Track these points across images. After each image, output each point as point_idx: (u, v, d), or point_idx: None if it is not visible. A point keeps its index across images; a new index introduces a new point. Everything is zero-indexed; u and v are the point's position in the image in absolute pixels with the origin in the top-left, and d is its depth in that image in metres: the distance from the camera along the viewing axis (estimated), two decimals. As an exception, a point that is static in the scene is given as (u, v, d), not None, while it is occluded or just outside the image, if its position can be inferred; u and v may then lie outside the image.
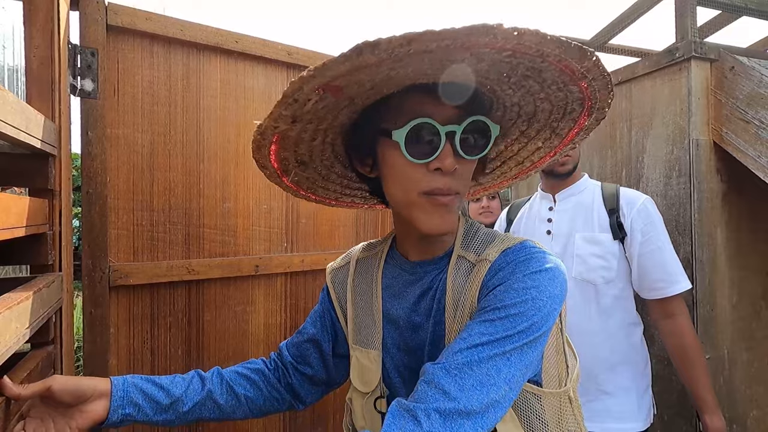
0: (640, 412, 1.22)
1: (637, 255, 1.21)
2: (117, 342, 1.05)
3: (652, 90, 1.65)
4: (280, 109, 0.52)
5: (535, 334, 0.54)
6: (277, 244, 1.28)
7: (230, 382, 0.75)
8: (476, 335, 0.53)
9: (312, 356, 0.80)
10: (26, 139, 0.71)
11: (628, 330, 1.26)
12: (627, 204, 1.25)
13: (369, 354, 0.72)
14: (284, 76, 1.27)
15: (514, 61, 0.51)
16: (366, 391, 0.72)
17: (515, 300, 0.55)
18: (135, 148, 1.07)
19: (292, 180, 0.71)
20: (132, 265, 1.05)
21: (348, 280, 0.78)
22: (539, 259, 0.58)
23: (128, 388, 0.67)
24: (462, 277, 0.62)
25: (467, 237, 0.66)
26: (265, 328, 1.27)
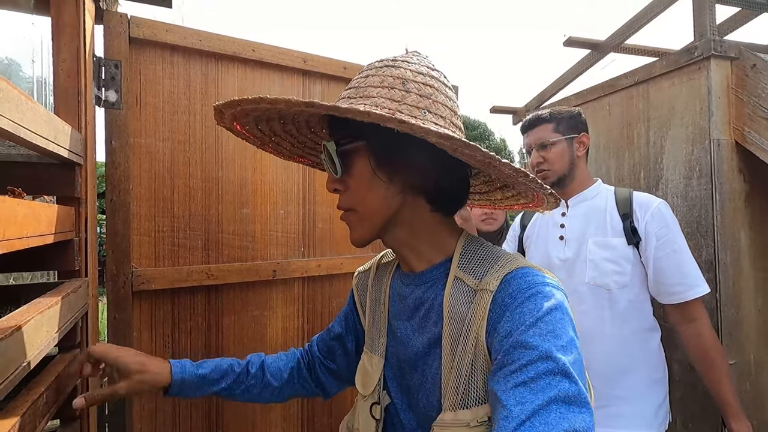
0: (655, 419, 1.20)
1: (653, 259, 1.20)
2: (139, 346, 1.07)
3: (670, 90, 1.63)
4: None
5: (580, 386, 0.50)
6: (294, 249, 1.29)
7: (270, 377, 0.83)
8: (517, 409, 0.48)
9: (337, 353, 0.85)
10: (55, 149, 0.74)
11: (644, 335, 1.24)
12: (640, 208, 1.24)
13: (372, 359, 0.74)
14: (300, 83, 1.29)
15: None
16: (364, 395, 0.73)
17: (540, 354, 0.51)
18: (156, 157, 1.10)
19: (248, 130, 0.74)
20: (154, 271, 1.08)
21: (368, 284, 0.80)
22: (545, 295, 0.56)
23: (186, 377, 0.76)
24: (462, 305, 0.61)
25: (465, 256, 0.65)
26: (282, 332, 1.28)
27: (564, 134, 1.32)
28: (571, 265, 1.28)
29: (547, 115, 1.36)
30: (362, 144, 0.62)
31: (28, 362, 0.53)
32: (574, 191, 1.34)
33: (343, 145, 0.62)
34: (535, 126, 1.37)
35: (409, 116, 0.57)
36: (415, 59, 0.65)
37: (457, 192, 0.67)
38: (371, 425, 0.71)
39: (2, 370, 0.45)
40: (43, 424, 0.67)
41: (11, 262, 0.83)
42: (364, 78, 0.63)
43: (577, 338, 0.55)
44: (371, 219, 0.64)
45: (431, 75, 0.63)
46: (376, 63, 0.65)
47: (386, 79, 0.61)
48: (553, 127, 1.34)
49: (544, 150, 1.33)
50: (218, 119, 0.70)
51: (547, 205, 0.68)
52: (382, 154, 0.61)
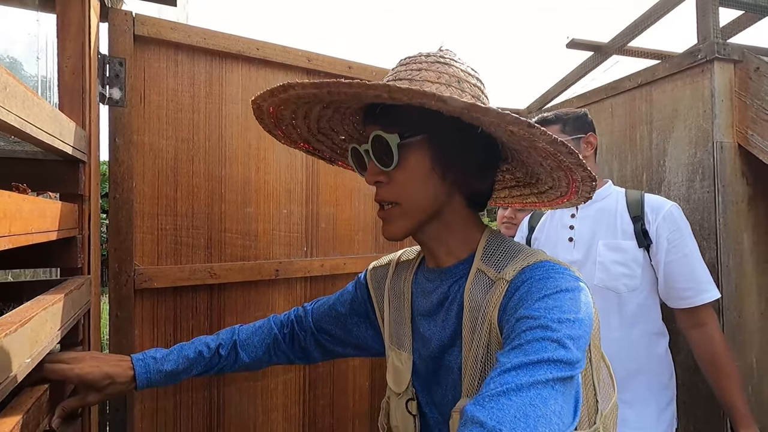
0: (659, 424, 1.19)
1: (664, 263, 1.19)
2: (141, 344, 1.07)
3: (674, 92, 1.63)
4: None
5: (574, 365, 0.49)
6: (297, 248, 1.29)
7: (243, 354, 0.82)
8: (506, 362, 0.48)
9: (334, 331, 0.85)
10: (59, 146, 0.73)
11: (651, 340, 1.23)
12: (652, 211, 1.23)
13: (401, 355, 0.74)
14: (304, 83, 1.29)
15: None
16: (398, 392, 0.73)
17: (540, 323, 0.50)
18: (160, 154, 1.10)
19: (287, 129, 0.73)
20: (156, 269, 1.07)
21: (386, 281, 0.80)
22: (558, 278, 0.55)
23: (151, 378, 0.76)
24: (479, 294, 0.61)
25: (488, 249, 0.65)
26: (284, 332, 1.27)
27: (571, 135, 1.32)
28: (580, 267, 1.27)
29: (553, 117, 1.35)
30: (424, 137, 0.61)
31: (32, 359, 0.52)
32: None
33: (407, 138, 0.60)
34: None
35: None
36: (458, 58, 0.65)
37: (491, 190, 0.69)
38: (409, 421, 0.71)
39: (7, 366, 0.45)
40: (46, 421, 0.67)
41: (14, 259, 0.83)
42: (417, 71, 0.61)
43: (589, 322, 0.54)
44: (416, 213, 0.63)
45: (476, 77, 0.64)
46: (422, 57, 0.64)
47: (442, 75, 0.60)
48: (559, 128, 1.33)
49: None
50: (258, 116, 0.70)
51: (581, 194, 0.66)
52: (443, 149, 0.61)
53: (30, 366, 0.52)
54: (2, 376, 0.44)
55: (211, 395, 1.16)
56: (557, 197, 0.70)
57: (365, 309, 0.83)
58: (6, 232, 0.47)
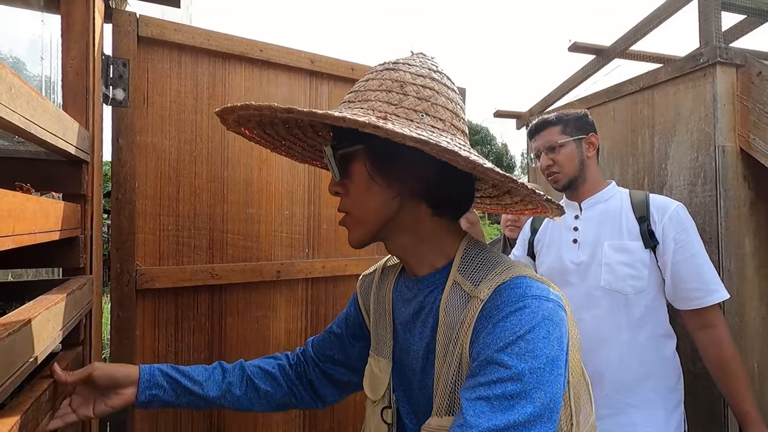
0: (668, 427, 1.18)
1: (671, 264, 1.18)
2: (143, 344, 1.07)
3: (675, 96, 1.63)
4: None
5: (546, 417, 0.49)
6: (298, 250, 1.29)
7: (251, 375, 0.80)
8: (474, 422, 0.48)
9: (336, 356, 0.83)
10: (63, 146, 0.74)
11: (659, 342, 1.22)
12: (658, 211, 1.22)
13: (380, 363, 0.73)
14: (307, 84, 1.30)
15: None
16: (374, 399, 0.73)
17: (510, 374, 0.50)
18: (162, 155, 1.10)
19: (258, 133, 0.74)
20: (158, 269, 1.07)
21: (372, 288, 0.79)
22: (532, 310, 0.54)
23: (154, 372, 0.75)
24: (455, 309, 0.61)
25: (466, 260, 0.64)
26: (286, 334, 1.27)
27: (572, 135, 1.32)
28: (586, 269, 1.26)
29: (554, 118, 1.35)
30: (360, 148, 0.61)
31: (35, 357, 0.52)
32: (587, 193, 1.33)
33: (339, 149, 0.62)
34: (542, 129, 1.36)
35: (405, 119, 0.57)
36: (418, 61, 0.64)
37: (461, 197, 0.67)
38: (383, 430, 0.71)
39: (9, 365, 0.45)
40: (45, 421, 0.67)
41: (17, 259, 0.83)
42: (365, 82, 0.63)
43: (562, 353, 0.54)
44: (366, 222, 0.64)
45: (432, 77, 0.62)
46: (378, 67, 0.65)
47: (384, 82, 0.61)
48: (560, 129, 1.33)
49: (552, 152, 1.33)
50: (225, 125, 0.70)
51: (550, 213, 0.67)
52: (378, 158, 0.61)
53: (33, 365, 0.52)
54: (4, 375, 0.44)
55: (212, 396, 1.16)
56: (534, 209, 0.70)
57: (359, 323, 0.82)
58: (10, 232, 0.48)
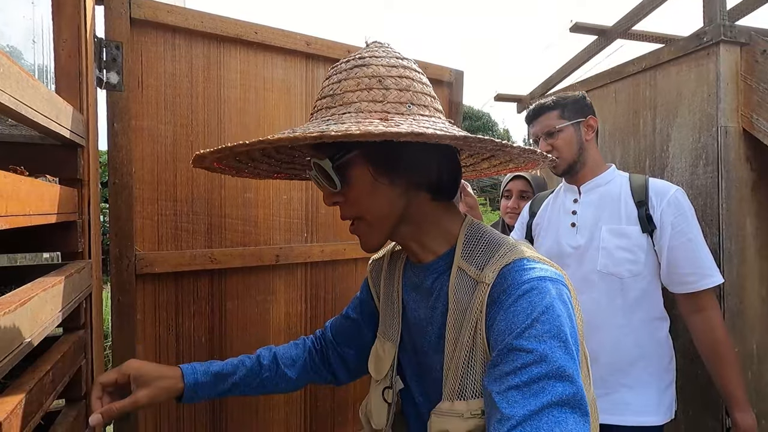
0: (660, 406, 1.20)
1: (667, 248, 1.19)
2: (144, 329, 1.08)
3: (678, 76, 1.60)
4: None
5: (576, 390, 0.50)
6: (297, 234, 1.29)
7: (284, 367, 0.82)
8: (509, 412, 0.49)
9: (352, 339, 0.85)
10: (56, 129, 0.73)
11: (654, 325, 1.23)
12: (657, 195, 1.22)
13: (385, 345, 0.75)
14: (303, 66, 1.28)
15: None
16: (377, 378, 0.74)
17: (535, 357, 0.50)
18: (158, 140, 1.09)
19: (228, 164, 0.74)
20: (156, 254, 1.08)
21: (382, 272, 0.80)
22: (541, 291, 0.54)
23: (196, 369, 0.77)
24: (464, 296, 0.61)
25: (468, 244, 0.64)
26: (286, 318, 1.28)
27: (570, 119, 1.31)
28: (583, 253, 1.27)
29: (551, 103, 1.34)
30: (357, 153, 0.60)
31: (32, 339, 0.53)
32: (586, 177, 1.33)
33: (338, 159, 0.61)
34: (539, 115, 1.35)
35: (396, 114, 0.58)
36: (382, 52, 0.64)
37: (453, 175, 0.67)
38: (383, 408, 0.72)
39: (5, 346, 0.45)
40: (48, 402, 0.67)
41: (14, 242, 0.83)
42: (338, 83, 0.61)
43: (575, 330, 0.55)
44: (381, 224, 0.64)
45: (403, 65, 0.63)
46: (343, 65, 0.63)
47: (361, 80, 0.60)
48: (558, 114, 1.32)
49: (551, 138, 1.32)
50: (197, 165, 0.71)
51: (546, 164, 0.68)
52: (379, 159, 0.60)
53: (30, 347, 0.52)
54: (4, 352, 0.44)
55: (214, 379, 1.17)
56: (529, 162, 0.70)
57: (371, 307, 0.83)
58: (3, 212, 0.47)
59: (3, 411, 0.52)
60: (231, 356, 1.18)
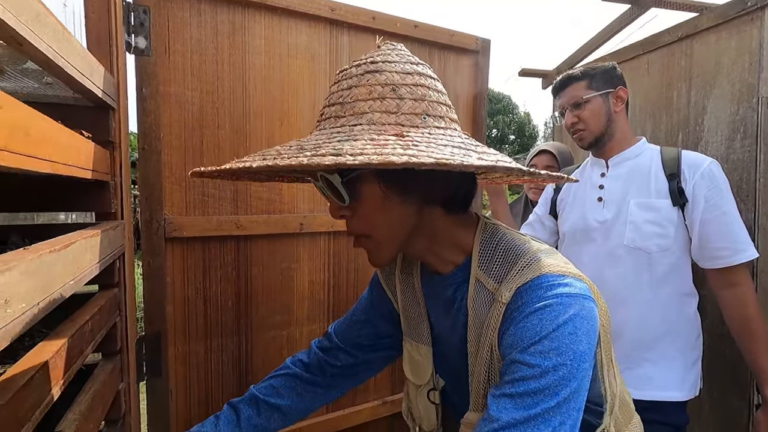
0: (684, 382, 1.18)
1: (699, 222, 1.15)
2: (173, 291, 1.11)
3: (717, 45, 1.53)
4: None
5: (566, 410, 0.50)
6: (320, 203, 1.29)
7: (265, 398, 0.78)
8: (497, 416, 0.50)
9: (364, 341, 0.82)
10: (90, 87, 0.74)
11: (682, 300, 1.21)
12: (689, 168, 1.18)
13: (419, 348, 0.73)
14: (327, 33, 1.26)
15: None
16: (418, 384, 0.74)
17: (534, 372, 0.50)
18: (185, 106, 1.10)
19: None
20: (185, 219, 1.10)
21: (396, 272, 0.78)
22: (554, 309, 0.52)
23: None
24: (482, 308, 0.60)
25: (484, 254, 0.62)
26: (309, 286, 1.30)
27: (598, 90, 1.26)
28: (610, 228, 1.24)
29: (579, 73, 1.29)
30: (368, 169, 0.56)
31: (75, 282, 0.55)
32: (614, 150, 1.29)
33: (348, 175, 0.57)
34: (566, 86, 1.31)
35: (411, 126, 0.55)
36: (395, 55, 0.60)
37: (468, 189, 0.64)
38: (431, 410, 0.72)
39: (52, 282, 0.47)
40: (88, 350, 0.70)
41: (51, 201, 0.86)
42: (348, 90, 0.58)
43: (592, 346, 0.53)
44: (389, 242, 0.61)
45: (418, 72, 0.59)
46: (353, 69, 0.59)
47: (374, 88, 0.56)
48: (586, 84, 1.27)
49: (578, 109, 1.28)
50: (195, 176, 0.65)
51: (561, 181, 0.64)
52: (391, 176, 0.57)
53: (73, 288, 0.54)
54: (47, 291, 0.46)
55: (240, 342, 1.20)
56: (545, 179, 0.67)
57: (389, 308, 0.81)
58: (47, 156, 0.49)
59: (49, 351, 0.54)
60: (257, 321, 1.22)
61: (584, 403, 0.53)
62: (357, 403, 1.40)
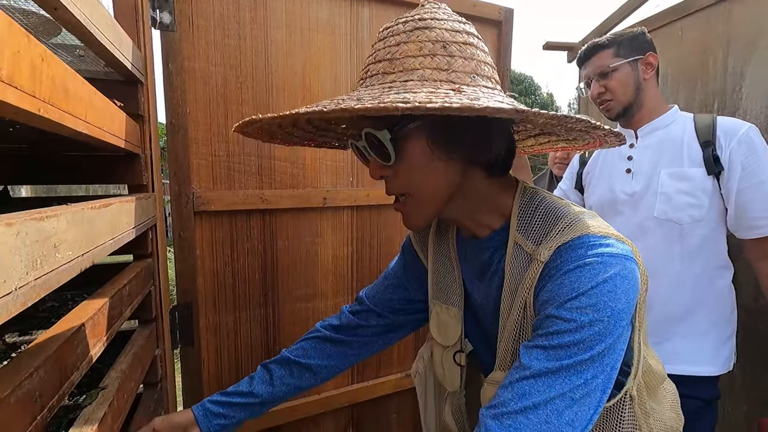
0: (717, 356, 1.15)
1: (736, 191, 1.10)
2: (203, 264, 1.14)
3: (759, 7, 1.44)
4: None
5: (600, 365, 0.50)
6: (343, 177, 1.30)
7: (297, 358, 0.81)
8: (529, 364, 0.50)
9: (396, 304, 0.83)
10: (120, 58, 0.75)
11: (715, 273, 1.17)
12: (725, 134, 1.13)
13: (449, 310, 0.74)
14: (347, 5, 1.25)
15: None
16: (446, 345, 0.74)
17: (569, 327, 0.50)
18: (209, 81, 1.12)
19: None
20: (212, 193, 1.12)
21: (429, 236, 0.78)
22: (594, 267, 0.51)
23: (206, 406, 0.77)
24: (519, 270, 0.60)
25: (523, 217, 0.61)
26: (333, 260, 1.32)
27: (626, 57, 1.21)
28: (639, 200, 1.20)
29: (606, 41, 1.24)
30: (417, 125, 0.56)
31: (114, 241, 0.57)
32: (644, 120, 1.24)
33: (397, 131, 0.56)
34: (592, 54, 1.25)
35: (462, 84, 0.54)
36: (442, 13, 0.58)
37: (510, 153, 0.64)
38: (456, 372, 0.73)
39: (95, 236, 0.48)
40: (126, 313, 0.73)
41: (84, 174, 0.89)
42: (396, 47, 0.56)
43: (630, 306, 0.52)
44: (431, 202, 0.61)
45: (467, 31, 0.58)
46: (400, 26, 0.58)
47: (424, 45, 0.55)
48: (613, 52, 1.22)
49: (604, 79, 1.23)
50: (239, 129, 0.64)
51: (609, 143, 0.62)
52: (439, 132, 0.57)
53: (112, 247, 0.56)
54: (91, 245, 0.48)
55: (267, 314, 1.24)
56: (586, 144, 0.65)
57: (420, 271, 0.81)
58: (83, 117, 0.50)
59: (92, 308, 0.57)
60: (283, 294, 1.24)
61: (619, 363, 0.52)
62: (381, 375, 1.43)
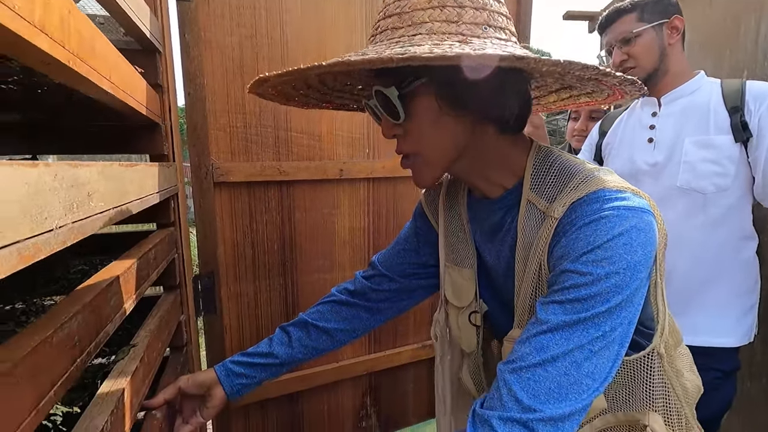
0: (738, 327, 1.13)
1: (765, 158, 1.06)
2: (223, 235, 1.16)
3: (796, -34, 1.36)
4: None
5: (617, 317, 0.49)
6: (359, 149, 1.30)
7: (314, 321, 0.83)
8: (546, 318, 0.50)
9: (408, 269, 0.83)
10: (139, 25, 0.76)
11: (739, 244, 1.14)
12: (755, 99, 1.08)
13: (462, 272, 0.73)
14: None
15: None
16: (460, 306, 0.74)
17: (586, 280, 0.49)
18: (225, 52, 1.11)
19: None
20: (231, 164, 1.14)
21: (439, 199, 0.78)
22: (610, 220, 0.51)
23: (227, 366, 0.79)
24: (532, 228, 0.59)
25: (537, 175, 0.60)
26: (350, 232, 1.33)
27: (650, 22, 1.15)
28: (661, 170, 1.17)
29: (628, 5, 1.18)
30: (425, 81, 0.55)
31: (140, 201, 0.58)
32: (668, 87, 1.20)
33: (405, 87, 0.56)
34: (614, 20, 1.20)
35: (472, 36, 0.53)
36: None
37: (525, 110, 0.62)
38: (472, 332, 0.74)
39: (124, 192, 0.50)
40: (153, 276, 0.76)
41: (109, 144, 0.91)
42: (405, 0, 0.55)
43: (648, 260, 0.51)
44: (439, 160, 0.60)
45: None
46: None
47: None
48: (636, 17, 1.17)
49: (627, 45, 1.18)
50: (254, 90, 0.63)
51: (630, 93, 0.60)
52: (448, 89, 0.56)
53: (139, 206, 0.58)
54: (121, 199, 0.49)
55: (286, 284, 1.26)
56: (606, 97, 0.63)
57: (433, 237, 0.81)
58: (108, 76, 0.51)
59: (122, 267, 0.59)
60: (301, 265, 1.27)
61: (637, 317, 0.52)
62: (398, 345, 1.45)
